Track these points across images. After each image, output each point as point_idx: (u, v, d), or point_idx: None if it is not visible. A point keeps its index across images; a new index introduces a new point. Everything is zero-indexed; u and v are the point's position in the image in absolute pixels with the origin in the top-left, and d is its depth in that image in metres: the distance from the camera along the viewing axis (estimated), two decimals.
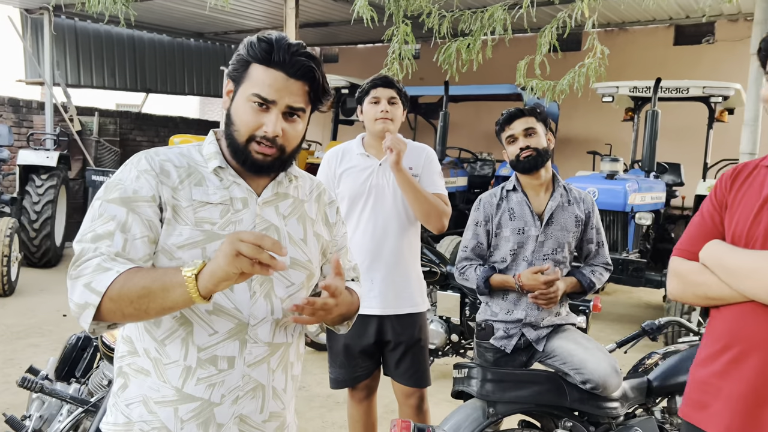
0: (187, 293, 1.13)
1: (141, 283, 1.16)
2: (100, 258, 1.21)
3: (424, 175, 2.71)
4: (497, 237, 2.55)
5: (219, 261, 1.10)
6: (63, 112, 9.57)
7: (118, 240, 1.25)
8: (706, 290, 1.55)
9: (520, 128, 2.50)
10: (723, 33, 10.01)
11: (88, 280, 1.19)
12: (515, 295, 2.51)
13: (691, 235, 1.65)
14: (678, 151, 8.68)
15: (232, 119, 1.36)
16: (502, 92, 7.89)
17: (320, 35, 11.43)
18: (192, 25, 11.12)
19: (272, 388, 1.41)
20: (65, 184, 8.38)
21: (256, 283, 1.36)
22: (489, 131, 11.56)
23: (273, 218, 1.40)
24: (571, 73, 4.55)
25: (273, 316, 1.38)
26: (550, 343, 2.46)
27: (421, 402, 2.74)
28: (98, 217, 1.27)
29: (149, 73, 12.04)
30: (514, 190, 2.57)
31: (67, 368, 2.85)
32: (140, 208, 1.28)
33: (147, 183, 1.30)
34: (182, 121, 12.40)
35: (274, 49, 1.31)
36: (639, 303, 7.73)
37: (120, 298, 1.16)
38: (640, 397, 2.49)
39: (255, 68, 1.33)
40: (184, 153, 1.39)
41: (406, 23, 4.79)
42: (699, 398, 1.57)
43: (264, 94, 1.31)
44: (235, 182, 1.38)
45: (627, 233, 6.21)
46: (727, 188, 1.64)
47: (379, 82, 2.66)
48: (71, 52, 10.80)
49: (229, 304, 1.33)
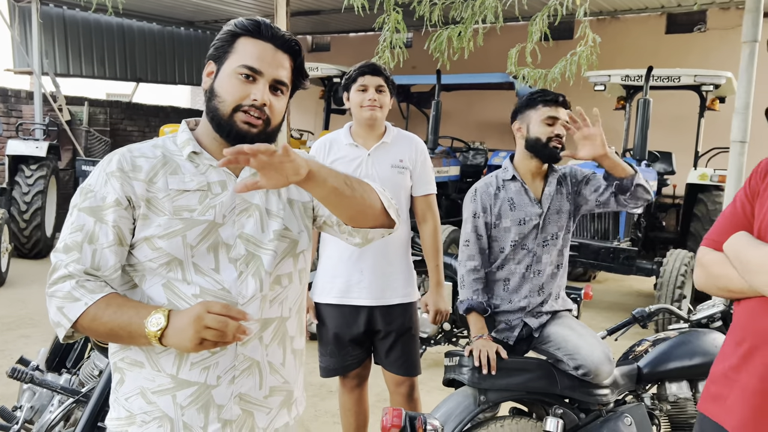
0: (152, 343, 1.23)
1: (109, 325, 1.25)
2: (70, 283, 1.27)
3: (419, 174, 2.70)
4: (496, 228, 2.47)
5: (183, 344, 1.19)
6: (52, 102, 9.48)
7: (87, 252, 1.30)
8: (727, 282, 1.52)
9: (564, 117, 2.40)
10: (715, 21, 10.02)
11: (60, 304, 1.27)
12: (516, 282, 2.48)
13: (720, 224, 1.61)
14: (669, 140, 8.70)
15: (216, 92, 1.35)
16: (495, 81, 7.87)
17: (311, 24, 11.37)
18: (182, 13, 11.03)
19: (268, 363, 1.41)
20: (55, 174, 8.32)
21: (243, 262, 1.36)
22: (481, 120, 11.61)
23: (252, 196, 1.40)
24: (562, 62, 4.54)
25: (262, 293, 1.38)
26: (545, 329, 2.46)
27: (412, 390, 2.75)
28: (70, 226, 1.33)
29: (139, 63, 11.94)
30: (512, 179, 2.49)
31: (58, 359, 2.84)
32: (107, 216, 1.31)
33: (112, 187, 1.32)
34: (173, 110, 12.33)
35: (262, 24, 1.36)
36: (630, 291, 7.78)
37: (90, 329, 1.27)
38: (630, 383, 2.51)
39: (242, 41, 1.36)
40: (158, 144, 1.40)
41: (397, 11, 4.77)
42: (717, 391, 1.55)
43: (252, 64, 1.33)
44: (211, 166, 1.38)
45: (618, 222, 6.23)
46: (761, 177, 1.58)
47: (366, 70, 2.63)
48: (60, 41, 10.69)
49: (215, 285, 1.33)
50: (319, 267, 2.74)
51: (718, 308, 2.73)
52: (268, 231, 1.40)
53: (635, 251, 5.80)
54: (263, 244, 1.39)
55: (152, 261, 1.32)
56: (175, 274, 1.32)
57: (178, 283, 1.33)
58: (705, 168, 7.17)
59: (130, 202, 1.32)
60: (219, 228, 1.35)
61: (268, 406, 1.42)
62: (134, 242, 1.33)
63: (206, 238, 1.34)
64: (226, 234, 1.36)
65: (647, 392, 2.58)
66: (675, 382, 2.54)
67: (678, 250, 6.00)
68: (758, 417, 1.45)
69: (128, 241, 1.33)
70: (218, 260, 1.35)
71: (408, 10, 4.99)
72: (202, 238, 1.33)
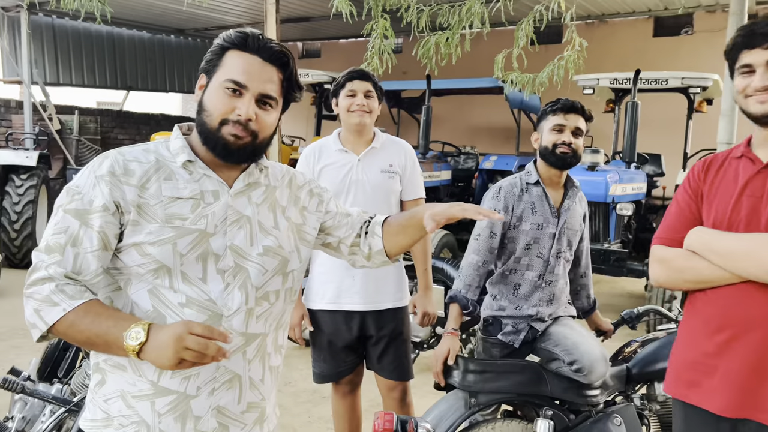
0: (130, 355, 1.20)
1: (86, 333, 1.22)
2: (49, 286, 1.25)
3: (408, 178, 2.72)
4: (515, 229, 2.45)
5: (161, 362, 1.17)
6: (42, 111, 9.45)
7: (69, 255, 1.28)
8: (695, 274, 1.65)
9: (573, 124, 2.42)
10: (701, 24, 10.13)
11: (38, 306, 1.24)
12: (527, 289, 2.47)
13: (669, 223, 1.75)
14: (658, 142, 8.76)
15: (204, 106, 1.36)
16: (484, 86, 7.92)
17: (301, 30, 11.40)
18: (172, 21, 11.03)
19: (249, 379, 1.41)
20: (45, 183, 8.28)
21: (230, 274, 1.36)
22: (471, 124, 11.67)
23: (245, 208, 1.40)
24: (550, 66, 4.58)
25: (247, 306, 1.38)
26: (546, 329, 2.47)
27: (404, 395, 2.76)
28: (54, 226, 1.30)
29: (129, 71, 11.93)
30: (536, 183, 2.48)
31: (50, 368, 2.83)
32: (93, 220, 1.29)
33: (101, 191, 1.30)
34: (164, 118, 12.32)
35: (249, 36, 1.36)
36: (621, 292, 7.81)
37: (66, 335, 1.24)
38: (619, 384, 2.53)
39: (230, 55, 1.36)
40: (150, 149, 1.38)
41: (385, 18, 4.79)
42: (690, 377, 1.67)
43: (237, 78, 1.33)
44: (205, 174, 1.37)
45: (609, 224, 6.26)
46: (701, 179, 1.73)
47: (355, 75, 2.65)
48: (49, 50, 10.67)
49: (202, 295, 1.33)
50: (311, 273, 2.76)
51: None
52: (257, 244, 1.40)
53: (626, 253, 5.83)
54: (251, 257, 1.39)
55: (140, 266, 1.31)
56: (162, 281, 1.32)
57: (164, 290, 1.32)
58: None
59: (118, 207, 1.30)
60: (210, 238, 1.35)
61: (243, 422, 1.42)
62: (121, 247, 1.31)
63: (196, 247, 1.33)
64: (216, 244, 1.35)
65: (636, 393, 2.61)
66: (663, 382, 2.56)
67: None
68: (745, 398, 1.56)
69: (113, 246, 1.31)
70: (206, 270, 1.34)
71: (396, 17, 5.03)
72: (193, 246, 1.33)
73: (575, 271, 2.69)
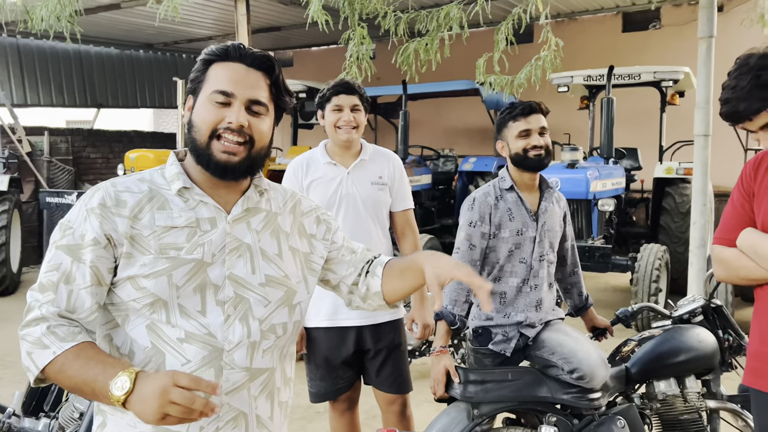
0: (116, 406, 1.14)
1: (74, 380, 1.17)
2: (41, 328, 1.20)
3: (397, 190, 2.69)
4: (495, 238, 2.43)
5: (145, 415, 1.10)
6: (11, 134, 9.23)
7: (62, 293, 1.24)
8: (747, 273, 1.78)
9: (537, 125, 2.41)
10: (669, 18, 10.27)
11: (30, 349, 1.21)
12: (512, 296, 2.45)
13: (726, 224, 1.85)
14: (633, 136, 8.85)
15: (193, 123, 1.31)
16: (460, 88, 7.93)
17: (273, 40, 11.31)
18: (141, 36, 10.87)
19: (256, 417, 1.35)
20: (18, 207, 8.09)
21: (231, 305, 1.30)
22: (448, 127, 11.67)
23: (244, 236, 1.34)
24: (528, 67, 4.59)
25: (249, 339, 1.31)
26: (539, 336, 2.44)
27: (404, 408, 2.72)
28: (47, 264, 1.27)
29: (99, 88, 11.73)
30: (510, 189, 2.47)
31: (35, 402, 2.74)
32: (84, 255, 1.25)
33: (91, 225, 1.25)
34: (137, 135, 12.10)
35: (230, 47, 1.33)
36: (606, 287, 7.87)
37: (57, 380, 1.20)
38: (619, 385, 2.52)
39: (214, 68, 1.32)
40: (145, 178, 1.34)
41: (362, 26, 4.76)
42: (758, 367, 1.80)
43: (223, 87, 1.28)
44: (201, 201, 1.32)
45: (591, 220, 6.30)
46: (751, 177, 1.81)
47: (341, 89, 2.58)
48: (15, 71, 10.44)
49: (201, 330, 1.27)
50: None
51: (699, 303, 2.76)
52: (259, 273, 1.34)
53: (609, 248, 5.87)
54: (253, 287, 1.33)
55: (136, 301, 1.26)
56: (159, 315, 1.26)
57: (162, 325, 1.26)
58: (670, 162, 7.32)
59: (110, 240, 1.25)
60: (207, 267, 1.29)
61: None
62: (116, 281, 1.26)
63: (193, 278, 1.27)
64: (215, 274, 1.29)
65: (636, 392, 2.60)
66: (663, 380, 2.55)
67: (651, 245, 6.09)
68: None
69: (107, 281, 1.26)
70: (205, 302, 1.28)
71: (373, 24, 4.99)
72: (189, 278, 1.27)
73: (562, 271, 2.68)
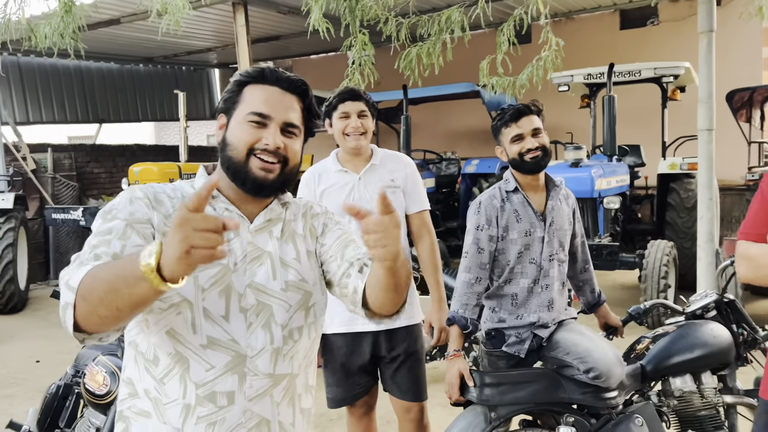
0: (153, 287, 1.00)
1: (106, 278, 1.05)
2: (88, 257, 1.15)
3: (410, 192, 2.68)
4: (504, 240, 2.43)
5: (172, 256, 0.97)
6: (15, 152, 9.27)
7: (116, 245, 1.20)
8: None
9: (528, 128, 2.40)
10: (666, 14, 10.27)
11: (67, 278, 1.11)
12: (524, 297, 2.44)
13: (752, 218, 1.72)
14: (636, 133, 8.84)
15: (228, 141, 1.34)
16: (461, 91, 7.94)
17: (272, 49, 11.34)
18: (140, 50, 10.90)
19: (279, 423, 1.36)
20: (24, 225, 8.11)
21: (253, 313, 1.32)
22: (450, 130, 11.68)
23: (265, 244, 1.37)
24: (529, 68, 4.59)
25: (273, 346, 1.34)
26: (553, 336, 2.43)
27: (422, 416, 2.69)
28: (95, 233, 1.23)
29: (100, 103, 11.77)
30: (514, 191, 2.46)
31: (50, 419, 2.74)
32: (137, 226, 1.26)
33: (141, 208, 1.29)
34: (139, 148, 12.14)
35: (266, 69, 1.37)
36: (614, 285, 7.85)
37: (90, 295, 1.06)
38: (635, 383, 2.51)
39: (249, 89, 1.36)
40: (176, 187, 1.40)
41: (363, 32, 4.77)
42: None
43: (261, 109, 1.32)
44: (227, 209, 1.36)
45: (597, 219, 6.29)
46: None
47: (346, 96, 2.60)
48: (17, 89, 10.49)
49: (224, 335, 1.29)
50: None
51: (712, 298, 2.75)
52: (279, 280, 1.36)
53: (617, 246, 5.86)
54: (275, 294, 1.35)
55: (162, 300, 1.25)
56: (184, 317, 1.27)
57: (185, 332, 1.28)
58: (673, 157, 7.31)
59: (153, 226, 1.29)
60: (232, 274, 1.32)
61: None
62: None
63: (219, 282, 1.30)
64: (238, 282, 1.32)
65: (653, 390, 2.59)
66: (679, 377, 2.54)
67: (658, 241, 6.08)
68: None
69: None
70: (229, 307, 1.31)
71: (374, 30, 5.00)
72: (215, 281, 1.30)
73: (573, 268, 2.68)
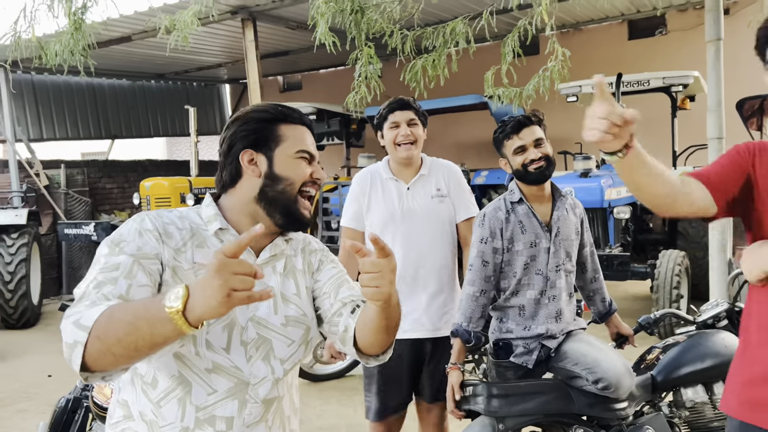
0: (177, 328, 1.03)
1: (126, 319, 1.05)
2: (97, 297, 1.14)
3: (456, 199, 2.68)
4: (509, 252, 2.41)
5: (210, 302, 1.01)
6: (29, 168, 9.39)
7: (122, 284, 1.19)
8: None
9: (530, 138, 2.39)
10: (674, 23, 10.26)
11: (77, 317, 1.10)
12: (531, 309, 2.42)
13: (714, 166, 1.64)
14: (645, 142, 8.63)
15: (282, 176, 1.38)
16: (469, 103, 7.95)
17: (281, 64, 11.45)
18: (152, 67, 11.05)
19: None
20: (37, 240, 8.19)
21: (253, 346, 1.35)
22: (459, 141, 11.69)
23: (269, 279, 1.40)
24: (535, 78, 4.60)
25: (274, 376, 1.37)
26: (561, 347, 2.41)
27: (442, 420, 2.70)
28: (101, 266, 1.22)
29: (113, 119, 11.92)
30: (519, 201, 2.45)
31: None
32: (144, 262, 1.25)
33: (150, 242, 1.29)
34: (150, 163, 12.26)
35: (289, 109, 1.45)
36: (626, 296, 7.78)
37: (106, 335, 1.06)
38: (646, 394, 2.48)
39: (285, 128, 1.42)
40: (183, 215, 1.39)
41: (369, 46, 4.81)
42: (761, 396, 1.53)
43: (308, 149, 1.43)
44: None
45: (607, 229, 6.26)
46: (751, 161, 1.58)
47: (395, 106, 2.64)
48: (31, 107, 10.65)
49: (228, 362, 1.32)
50: None
51: (723, 307, 2.72)
52: (280, 315, 1.39)
53: (628, 256, 5.82)
54: (275, 328, 1.38)
55: None
56: (187, 348, 1.28)
57: (190, 355, 1.29)
58: (684, 166, 7.26)
59: (161, 262, 1.28)
60: (236, 308, 1.29)
61: None
62: None
63: (224, 317, 1.30)
64: (241, 315, 1.34)
65: (664, 400, 2.56)
66: (690, 387, 2.51)
67: (670, 251, 6.03)
68: None
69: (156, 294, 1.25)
70: (230, 340, 1.33)
71: (379, 43, 5.05)
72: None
73: (583, 278, 2.66)
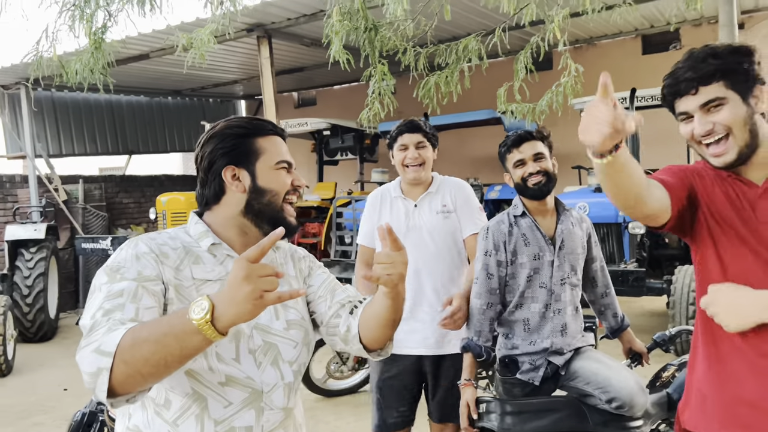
0: (206, 338, 1.06)
1: (151, 338, 1.06)
2: (110, 323, 1.14)
3: (462, 214, 2.70)
4: (513, 265, 2.44)
5: (244, 307, 1.04)
6: (48, 184, 9.53)
7: (130, 309, 1.19)
8: None
9: (529, 152, 2.42)
10: (688, 38, 10.23)
11: (97, 345, 1.09)
12: (536, 322, 2.43)
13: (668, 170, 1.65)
14: (659, 157, 8.73)
15: (265, 188, 1.41)
16: (482, 118, 7.97)
17: (296, 80, 11.56)
18: (169, 83, 11.20)
19: None
20: (55, 254, 8.30)
21: (261, 353, 1.38)
22: (473, 157, 11.70)
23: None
24: (549, 94, 4.61)
25: (284, 381, 1.40)
26: (571, 365, 2.40)
27: None
28: (105, 294, 1.21)
29: (130, 135, 12.09)
30: (522, 215, 2.47)
31: None
32: (147, 285, 1.27)
33: (149, 264, 1.30)
34: (167, 178, 12.40)
35: (263, 122, 1.48)
36: (642, 312, 7.70)
37: (133, 357, 1.06)
38: (661, 412, 2.45)
39: (262, 141, 1.45)
40: (173, 236, 1.42)
41: (383, 63, 4.86)
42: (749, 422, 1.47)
43: (286, 158, 1.46)
44: (228, 256, 1.41)
45: (622, 244, 6.22)
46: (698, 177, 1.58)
47: (404, 129, 2.70)
48: (50, 123, 10.83)
49: (240, 373, 1.34)
50: None
51: None
52: (281, 320, 1.43)
53: (643, 272, 5.76)
54: (278, 333, 1.41)
55: None
56: (200, 363, 1.30)
57: (202, 371, 1.31)
58: None
59: (163, 282, 1.30)
60: None
61: None
62: None
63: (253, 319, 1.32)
64: (245, 324, 1.36)
65: None
66: None
67: (686, 266, 5.95)
68: None
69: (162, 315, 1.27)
70: (239, 350, 1.35)
71: (393, 60, 5.09)
72: None
73: (594, 293, 2.65)
